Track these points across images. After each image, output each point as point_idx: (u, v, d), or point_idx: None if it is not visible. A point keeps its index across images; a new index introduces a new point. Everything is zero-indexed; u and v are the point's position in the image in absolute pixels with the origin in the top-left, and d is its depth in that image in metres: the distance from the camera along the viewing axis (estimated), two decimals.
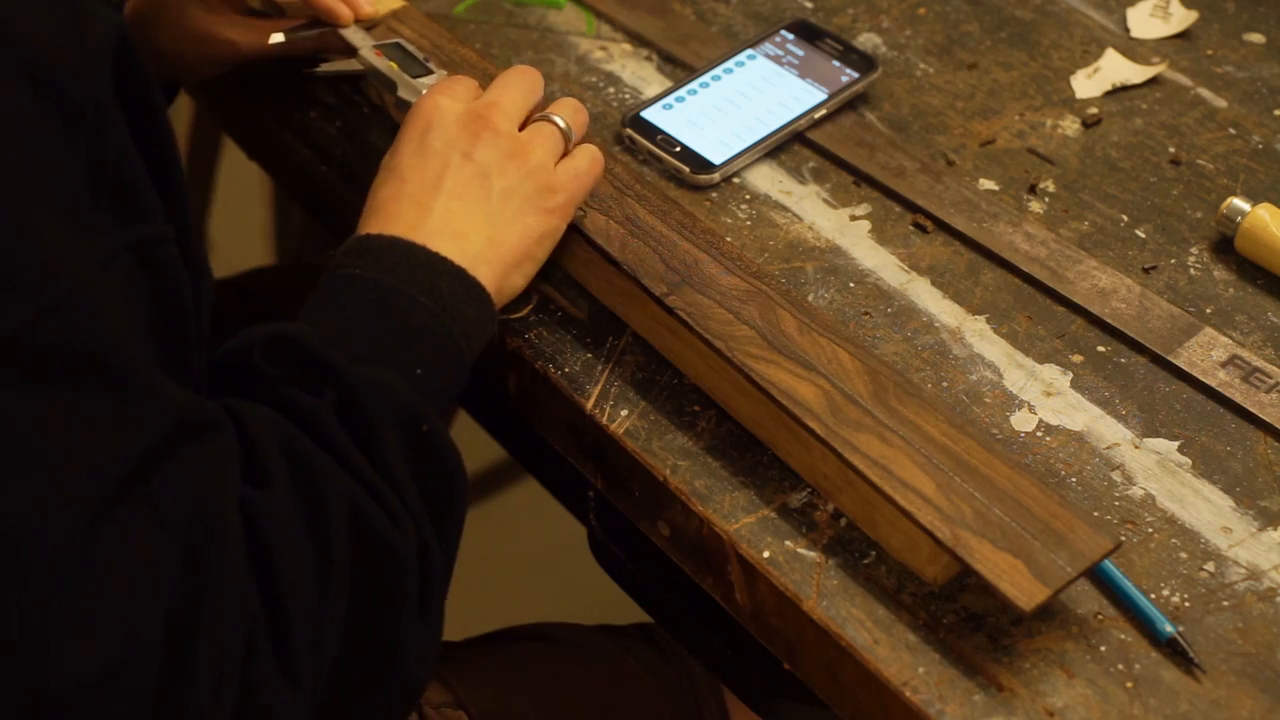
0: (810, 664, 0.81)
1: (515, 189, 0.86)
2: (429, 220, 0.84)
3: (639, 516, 0.88)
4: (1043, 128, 1.05)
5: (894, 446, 0.79)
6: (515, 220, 0.86)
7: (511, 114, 0.89)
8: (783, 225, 0.98)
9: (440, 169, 0.85)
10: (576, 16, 1.13)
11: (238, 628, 0.66)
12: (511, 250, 0.85)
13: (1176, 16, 1.13)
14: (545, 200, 0.87)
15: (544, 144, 0.88)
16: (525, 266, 0.87)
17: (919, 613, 0.79)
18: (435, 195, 0.85)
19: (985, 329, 0.92)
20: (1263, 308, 0.94)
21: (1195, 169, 1.03)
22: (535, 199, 0.87)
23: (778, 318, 0.85)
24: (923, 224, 0.99)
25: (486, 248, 0.84)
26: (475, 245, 0.84)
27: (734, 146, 1.01)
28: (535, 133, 0.89)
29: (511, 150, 0.87)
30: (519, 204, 0.86)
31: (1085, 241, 0.98)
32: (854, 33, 1.12)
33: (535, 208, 0.86)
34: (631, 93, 1.08)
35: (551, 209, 0.87)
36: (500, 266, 0.84)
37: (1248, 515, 0.83)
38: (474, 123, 0.87)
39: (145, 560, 0.64)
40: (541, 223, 0.87)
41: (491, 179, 0.86)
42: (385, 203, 0.85)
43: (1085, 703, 0.75)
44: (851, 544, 0.82)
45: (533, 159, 0.87)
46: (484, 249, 0.84)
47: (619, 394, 0.89)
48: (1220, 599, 0.79)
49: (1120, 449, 0.86)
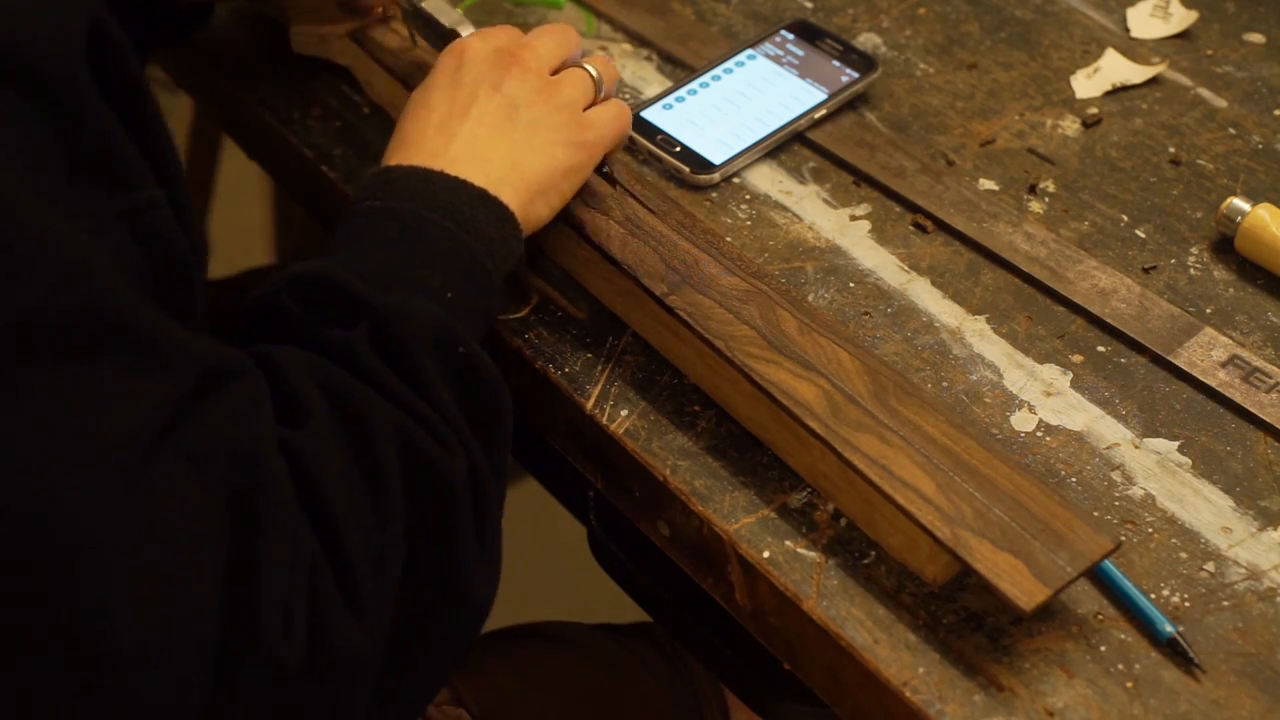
0: (810, 664, 0.81)
1: (543, 120, 0.87)
2: (452, 147, 0.85)
3: (639, 516, 0.88)
4: (1043, 128, 1.05)
5: (894, 446, 0.79)
6: (542, 150, 0.87)
7: (544, 56, 0.90)
8: (783, 225, 0.98)
9: (468, 100, 0.87)
10: (576, 16, 1.13)
11: (298, 566, 0.66)
12: (536, 176, 0.86)
13: (1176, 16, 1.13)
14: (574, 134, 0.88)
15: (575, 85, 0.90)
16: (550, 197, 0.87)
17: (919, 613, 0.79)
18: (461, 123, 0.86)
19: (985, 329, 0.92)
20: (1263, 308, 0.94)
21: (1195, 169, 1.03)
22: (564, 130, 0.88)
23: (778, 318, 0.85)
24: (923, 224, 0.99)
25: (510, 171, 0.85)
26: (499, 169, 0.84)
27: (734, 146, 1.01)
28: (566, 76, 0.91)
29: (541, 86, 0.89)
30: (547, 134, 0.87)
31: (1085, 241, 0.98)
32: (854, 33, 1.12)
33: (564, 140, 0.87)
34: (631, 93, 1.08)
35: (580, 143, 0.88)
36: (525, 191, 0.85)
37: (1248, 515, 0.83)
38: (505, 58, 0.89)
39: (191, 513, 0.64)
40: (569, 156, 0.87)
41: (519, 110, 0.87)
42: (410, 133, 0.86)
43: (1085, 703, 0.75)
44: (851, 544, 0.82)
45: (562, 95, 0.89)
46: (508, 172, 0.85)
47: (619, 394, 0.89)
48: (1220, 599, 0.79)
49: (1120, 449, 0.86)
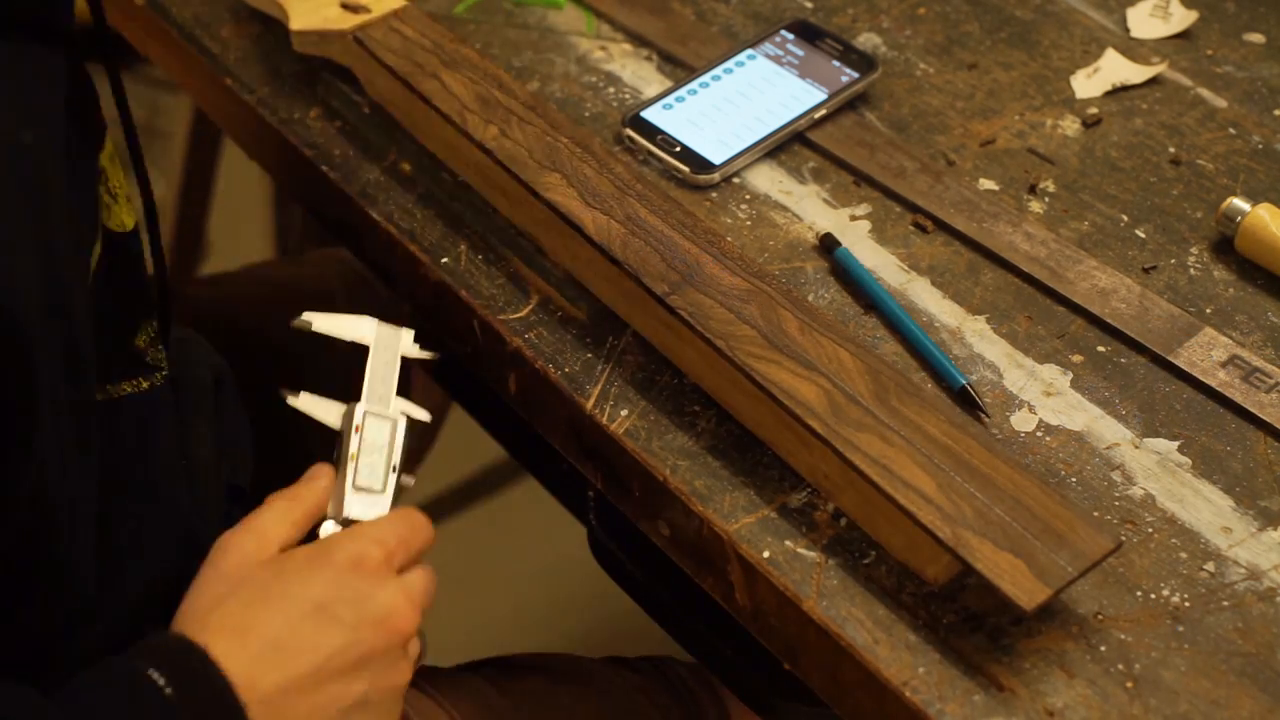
0: (810, 664, 0.81)
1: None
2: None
3: (639, 516, 0.88)
4: (1043, 128, 1.05)
5: (895, 446, 0.79)
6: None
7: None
8: (783, 225, 0.98)
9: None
10: (576, 16, 1.13)
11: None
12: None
13: (1176, 16, 1.13)
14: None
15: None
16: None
17: (919, 612, 0.79)
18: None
19: (985, 329, 0.92)
20: (1263, 308, 0.94)
21: (1195, 169, 1.03)
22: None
23: (779, 317, 0.85)
24: (923, 224, 0.99)
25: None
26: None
27: (734, 146, 1.01)
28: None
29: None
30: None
31: (1085, 241, 0.98)
32: (854, 33, 1.12)
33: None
34: (631, 93, 1.08)
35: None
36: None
37: (1248, 515, 0.83)
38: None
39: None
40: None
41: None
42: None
43: (1085, 703, 0.75)
44: (851, 544, 0.82)
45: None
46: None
47: (619, 394, 0.89)
48: (1220, 599, 0.79)
49: (1120, 449, 0.86)
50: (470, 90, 0.98)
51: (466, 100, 0.97)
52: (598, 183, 0.92)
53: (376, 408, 0.88)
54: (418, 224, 0.99)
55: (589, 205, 0.91)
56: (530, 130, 0.95)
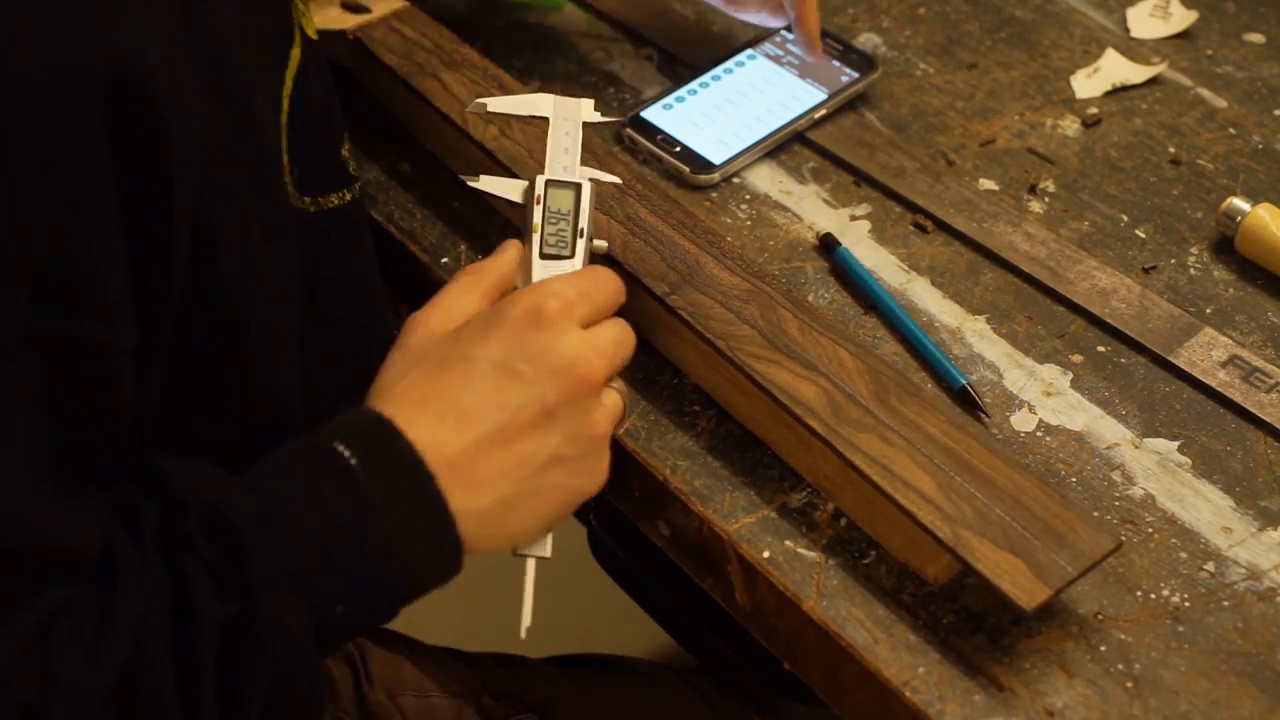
0: (810, 664, 0.81)
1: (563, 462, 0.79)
2: (476, 467, 0.75)
3: (639, 516, 0.88)
4: (1043, 128, 1.05)
5: (895, 446, 0.79)
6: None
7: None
8: (783, 225, 0.98)
9: (516, 425, 0.76)
10: (576, 16, 1.13)
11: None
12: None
13: (1176, 16, 1.13)
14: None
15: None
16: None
17: (919, 613, 0.79)
18: (502, 451, 0.76)
19: (985, 329, 0.92)
20: (1263, 308, 0.94)
21: (1195, 169, 1.03)
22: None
23: (779, 317, 0.85)
24: (923, 224, 0.99)
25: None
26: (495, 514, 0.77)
27: (734, 146, 1.01)
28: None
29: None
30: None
31: (1085, 241, 0.98)
32: (854, 33, 1.12)
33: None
34: (631, 93, 1.08)
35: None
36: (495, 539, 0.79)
37: (1248, 515, 0.83)
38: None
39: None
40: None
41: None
42: (439, 401, 0.76)
43: (1085, 703, 0.75)
44: (851, 544, 0.82)
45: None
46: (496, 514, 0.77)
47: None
48: (1220, 599, 0.79)
49: (1120, 449, 0.86)
50: (470, 90, 0.98)
51: (466, 100, 0.97)
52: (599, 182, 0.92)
53: (560, 177, 0.88)
54: (418, 224, 0.99)
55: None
56: (530, 130, 0.95)
